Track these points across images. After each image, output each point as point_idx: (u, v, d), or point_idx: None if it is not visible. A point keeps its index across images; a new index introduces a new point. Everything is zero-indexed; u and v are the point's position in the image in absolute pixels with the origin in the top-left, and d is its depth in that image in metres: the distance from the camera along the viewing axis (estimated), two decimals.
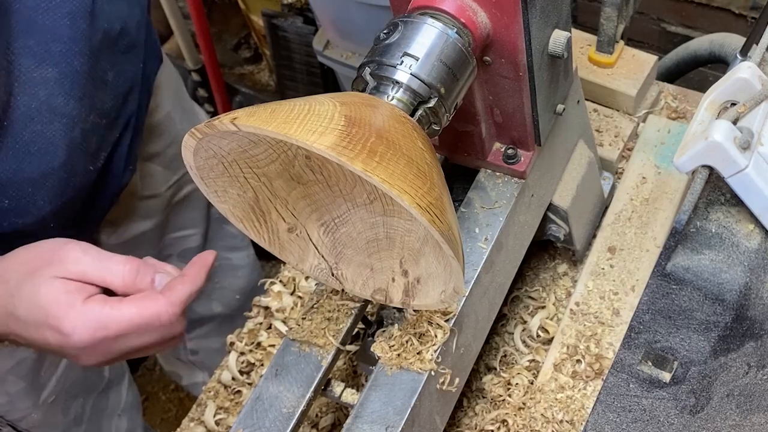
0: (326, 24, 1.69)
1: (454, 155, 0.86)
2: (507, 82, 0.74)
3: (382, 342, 0.76)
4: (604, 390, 0.74)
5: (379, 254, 0.72)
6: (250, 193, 0.70)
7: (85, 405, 1.18)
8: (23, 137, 0.82)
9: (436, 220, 0.56)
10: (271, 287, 1.09)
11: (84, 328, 0.65)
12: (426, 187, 0.57)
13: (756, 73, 0.76)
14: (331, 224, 0.73)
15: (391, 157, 0.56)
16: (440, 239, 0.57)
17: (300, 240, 0.74)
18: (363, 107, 0.60)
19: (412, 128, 0.61)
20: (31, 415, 1.08)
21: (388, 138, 0.57)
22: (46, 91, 0.81)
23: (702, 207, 0.79)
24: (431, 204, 0.57)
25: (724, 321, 0.74)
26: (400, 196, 0.54)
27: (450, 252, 0.58)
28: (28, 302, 0.66)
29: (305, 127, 0.55)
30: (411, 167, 0.57)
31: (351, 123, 0.56)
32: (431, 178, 0.59)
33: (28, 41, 0.79)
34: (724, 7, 1.71)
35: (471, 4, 0.67)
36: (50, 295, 0.66)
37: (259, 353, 1.05)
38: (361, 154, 0.54)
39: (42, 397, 1.08)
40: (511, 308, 1.04)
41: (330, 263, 0.74)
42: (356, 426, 0.73)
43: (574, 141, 0.95)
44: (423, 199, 0.56)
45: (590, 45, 1.12)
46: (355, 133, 0.56)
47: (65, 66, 0.82)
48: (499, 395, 0.94)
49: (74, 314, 0.65)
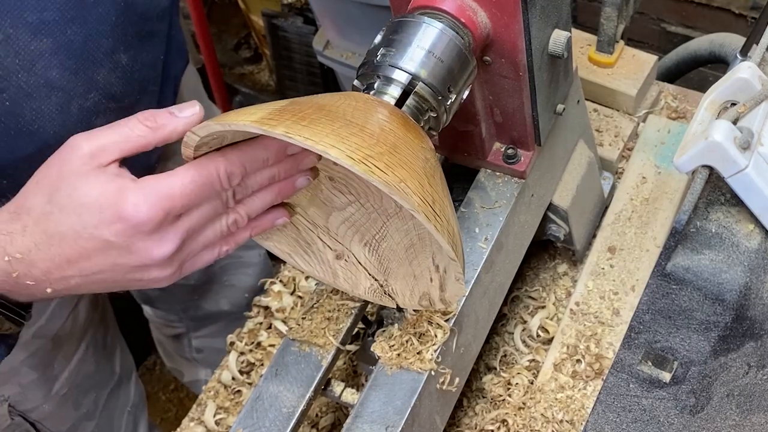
0: (326, 24, 1.69)
1: (454, 155, 0.86)
2: (507, 82, 0.74)
3: (382, 342, 0.76)
4: (604, 390, 0.74)
5: (417, 259, 0.71)
6: (290, 227, 0.70)
7: (97, 400, 1.18)
8: (24, 116, 0.79)
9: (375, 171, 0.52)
10: (271, 287, 1.09)
11: (147, 204, 0.57)
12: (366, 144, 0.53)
13: (756, 73, 0.76)
14: (372, 242, 0.73)
15: (323, 121, 0.53)
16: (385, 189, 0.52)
17: (350, 265, 0.74)
18: (331, 98, 0.58)
19: (408, 123, 0.60)
20: (42, 407, 1.07)
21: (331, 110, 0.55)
22: (42, 64, 0.78)
23: (702, 207, 0.79)
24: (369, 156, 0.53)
25: (724, 321, 0.74)
26: (325, 150, 0.51)
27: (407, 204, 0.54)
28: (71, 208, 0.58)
29: (243, 113, 0.54)
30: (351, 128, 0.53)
31: (294, 103, 0.55)
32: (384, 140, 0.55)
33: (23, 12, 0.76)
34: (724, 7, 1.71)
35: (471, 4, 0.67)
36: (94, 187, 0.57)
37: (259, 353, 1.05)
38: (287, 122, 0.52)
39: (54, 389, 1.08)
40: (511, 308, 1.04)
41: (380, 281, 0.74)
42: (356, 426, 0.73)
43: (574, 141, 0.95)
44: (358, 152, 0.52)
45: (590, 45, 1.12)
46: (290, 109, 0.54)
47: (59, 35, 0.79)
48: (499, 395, 0.94)
49: (131, 195, 0.57)
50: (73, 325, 1.08)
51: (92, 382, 1.16)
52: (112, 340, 1.22)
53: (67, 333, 1.07)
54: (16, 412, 1.04)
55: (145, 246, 0.59)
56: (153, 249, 0.59)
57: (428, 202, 0.55)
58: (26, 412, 1.06)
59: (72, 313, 1.06)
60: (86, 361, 1.13)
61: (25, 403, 1.05)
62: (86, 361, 1.13)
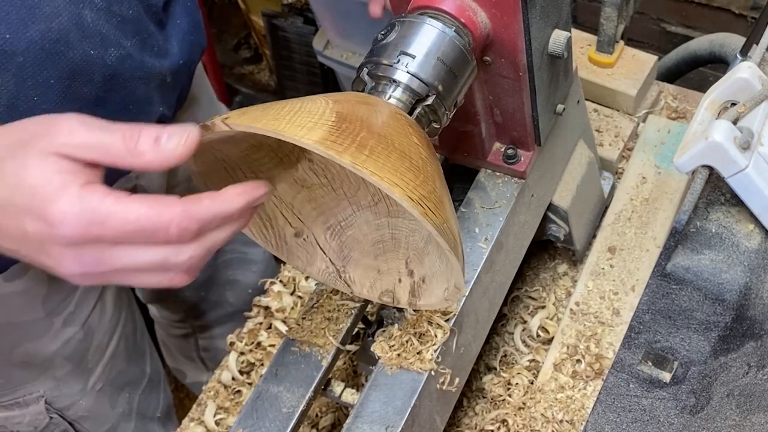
0: (326, 24, 1.69)
1: (454, 155, 0.86)
2: (507, 82, 0.74)
3: (382, 342, 0.76)
4: (604, 390, 0.74)
5: (386, 256, 0.72)
6: None
7: (131, 401, 1.18)
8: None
9: (429, 213, 0.56)
10: (271, 287, 1.09)
11: (76, 219, 0.52)
12: (419, 180, 0.57)
13: (756, 73, 0.76)
14: (337, 227, 0.73)
15: (381, 151, 0.55)
16: (434, 232, 0.57)
17: (307, 244, 0.74)
18: (357, 105, 0.59)
19: (407, 124, 0.61)
20: (79, 402, 1.06)
21: (380, 133, 0.57)
22: None
23: (702, 207, 0.79)
24: (423, 197, 0.56)
25: (724, 321, 0.74)
26: (390, 189, 0.54)
27: (445, 245, 0.58)
28: (11, 180, 0.54)
29: (295, 123, 0.54)
30: (403, 161, 0.56)
31: (342, 119, 0.56)
32: (425, 171, 0.58)
33: None
34: (724, 7, 1.71)
35: (471, 4, 0.67)
36: (40, 173, 0.53)
37: (259, 353, 1.05)
38: (350, 147, 0.54)
39: (90, 383, 1.07)
40: (511, 308, 1.04)
41: (337, 266, 0.74)
42: (356, 426, 0.73)
43: (574, 141, 0.95)
44: (415, 192, 0.55)
45: (590, 45, 1.12)
46: (345, 128, 0.55)
47: None
48: (499, 395, 0.94)
49: (67, 200, 0.53)
50: (101, 315, 1.07)
51: (125, 380, 1.16)
52: (141, 339, 1.22)
53: (97, 323, 1.06)
54: (53, 410, 1.04)
55: (59, 253, 0.55)
56: (64, 261, 0.55)
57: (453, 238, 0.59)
58: (63, 410, 1.05)
59: (99, 301, 1.06)
60: (118, 357, 1.12)
61: (61, 399, 1.04)
62: (118, 356, 1.12)
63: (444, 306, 0.70)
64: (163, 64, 0.92)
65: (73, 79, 0.81)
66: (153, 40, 0.90)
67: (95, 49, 0.82)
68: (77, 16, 0.80)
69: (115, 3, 0.84)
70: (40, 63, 0.77)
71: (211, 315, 1.44)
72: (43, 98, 0.79)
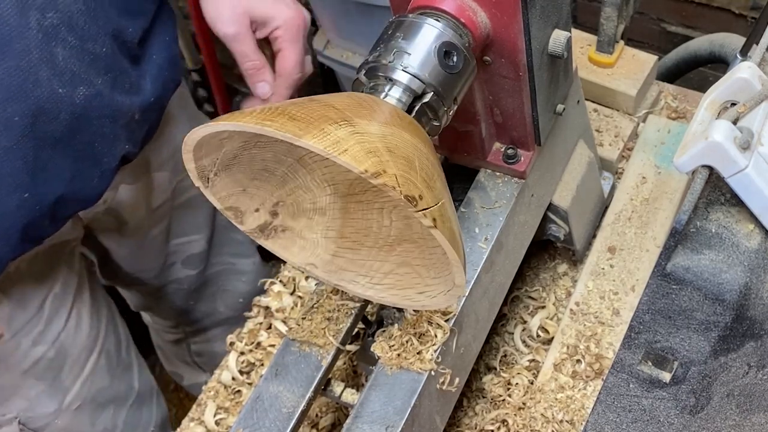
0: (326, 24, 1.69)
1: (454, 155, 0.86)
2: (507, 82, 0.74)
3: (382, 342, 0.76)
4: (604, 390, 0.74)
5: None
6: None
7: (116, 418, 1.14)
8: None
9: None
10: (271, 287, 1.09)
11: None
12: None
13: (756, 73, 0.76)
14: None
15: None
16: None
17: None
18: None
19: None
20: (54, 422, 1.04)
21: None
22: None
23: (702, 207, 0.79)
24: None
25: (724, 321, 0.74)
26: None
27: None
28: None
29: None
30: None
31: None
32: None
33: None
34: (724, 7, 1.70)
35: (471, 4, 0.67)
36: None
37: (259, 353, 1.05)
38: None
39: (66, 401, 1.05)
40: (511, 308, 1.04)
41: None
42: (356, 426, 0.73)
43: (574, 141, 0.95)
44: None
45: (590, 45, 1.12)
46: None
47: None
48: (499, 395, 0.94)
49: None
50: (76, 332, 1.04)
51: (109, 396, 1.13)
52: (126, 354, 1.19)
53: (71, 340, 1.04)
54: (28, 430, 1.01)
55: None
56: None
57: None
58: (38, 430, 1.02)
59: (69, 317, 1.03)
60: (99, 373, 1.09)
61: (36, 419, 1.02)
62: (99, 373, 1.09)
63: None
64: (134, 101, 0.90)
65: (38, 117, 0.80)
66: (125, 77, 0.89)
67: (64, 87, 0.81)
68: (49, 54, 0.78)
69: (88, 40, 0.82)
70: (4, 100, 0.76)
71: (202, 322, 1.44)
72: (4, 135, 0.78)
